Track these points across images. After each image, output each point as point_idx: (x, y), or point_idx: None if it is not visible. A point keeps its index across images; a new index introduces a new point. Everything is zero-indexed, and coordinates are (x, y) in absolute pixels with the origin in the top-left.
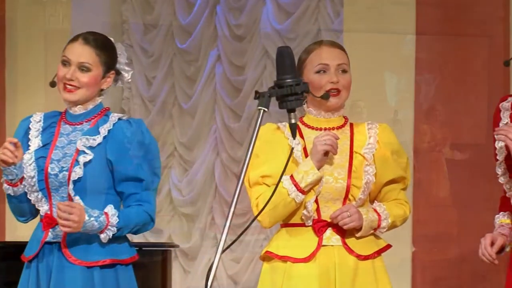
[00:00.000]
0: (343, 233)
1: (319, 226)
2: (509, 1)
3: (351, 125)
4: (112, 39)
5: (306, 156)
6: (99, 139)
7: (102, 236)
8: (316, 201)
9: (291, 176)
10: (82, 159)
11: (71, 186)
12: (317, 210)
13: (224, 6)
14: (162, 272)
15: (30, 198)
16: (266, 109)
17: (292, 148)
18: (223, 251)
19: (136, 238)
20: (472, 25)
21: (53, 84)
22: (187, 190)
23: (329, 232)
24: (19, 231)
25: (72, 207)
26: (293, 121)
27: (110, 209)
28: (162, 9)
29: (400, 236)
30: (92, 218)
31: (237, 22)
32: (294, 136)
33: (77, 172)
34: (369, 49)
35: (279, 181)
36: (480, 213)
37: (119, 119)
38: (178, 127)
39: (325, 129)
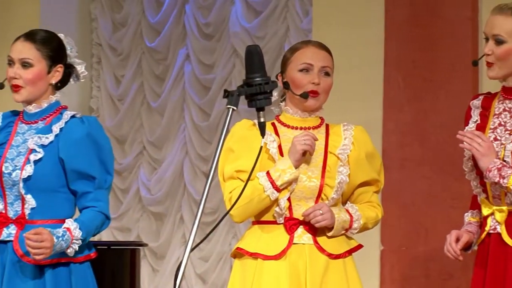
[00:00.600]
0: (315, 231)
1: (291, 224)
2: (477, 1)
3: (327, 126)
4: (62, 35)
5: (281, 153)
6: (51, 137)
7: (68, 251)
8: (289, 199)
9: (268, 173)
10: (32, 157)
11: (21, 184)
12: (289, 208)
13: (193, 4)
14: (131, 271)
15: None
16: (235, 108)
17: (261, 147)
18: (192, 249)
19: (105, 237)
20: (440, 25)
21: (1, 85)
22: (155, 189)
23: (300, 230)
24: None
25: (41, 234)
26: (262, 120)
27: (70, 223)
28: (131, 8)
29: (368, 235)
30: (60, 239)
31: (206, 20)
32: (263, 135)
33: (27, 170)
34: (338, 48)
35: (249, 178)
36: (448, 212)
37: (72, 117)
38: (146, 126)
39: (301, 128)
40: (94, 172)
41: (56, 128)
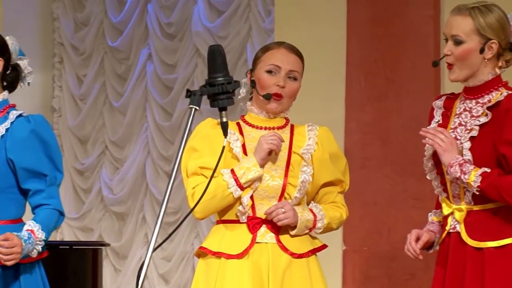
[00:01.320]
0: (278, 231)
1: (254, 223)
2: (439, 0)
3: (292, 126)
4: (7, 37)
5: (245, 152)
6: None
7: (32, 253)
8: (252, 198)
9: (232, 170)
10: None
11: None
12: (252, 207)
13: (155, 4)
14: (93, 271)
15: None
16: (197, 108)
17: (223, 147)
18: (154, 249)
19: (67, 237)
20: (402, 24)
21: None
22: (118, 189)
23: (263, 229)
24: None
25: (11, 239)
26: (224, 119)
27: (33, 225)
28: (93, 7)
29: (330, 234)
30: (27, 242)
31: (168, 20)
32: (225, 134)
33: None
34: (300, 48)
35: (212, 176)
36: (410, 211)
37: (18, 116)
38: (109, 126)
39: (266, 128)
40: (45, 170)
41: (1, 129)
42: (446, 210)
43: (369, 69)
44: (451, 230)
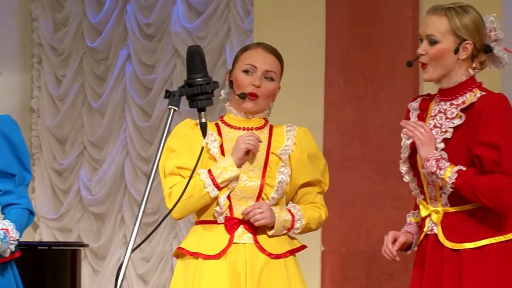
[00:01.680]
0: (255, 231)
1: (231, 224)
2: (418, 1)
3: (271, 126)
4: None
5: (223, 153)
6: None
7: (7, 252)
8: (229, 198)
9: (209, 170)
10: None
11: None
12: (230, 207)
13: (134, 5)
14: (72, 271)
15: None
16: (176, 108)
17: (202, 147)
18: (133, 250)
19: (45, 238)
20: (381, 25)
21: None
22: (96, 189)
23: (241, 229)
24: None
25: None
26: (203, 120)
27: (7, 224)
28: (72, 8)
29: (309, 235)
30: (3, 242)
31: (147, 21)
32: (204, 135)
33: None
34: (279, 48)
35: (191, 176)
36: (389, 212)
37: None
38: (87, 126)
39: (244, 128)
40: (13, 170)
41: None
42: (423, 212)
43: (348, 69)
44: (428, 232)
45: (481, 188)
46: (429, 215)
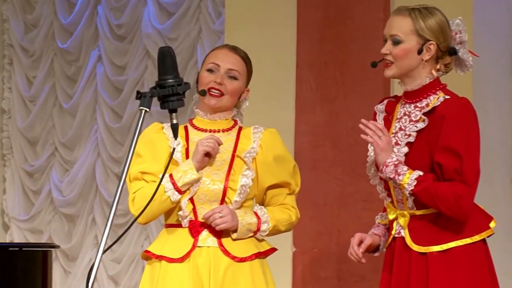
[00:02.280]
0: (220, 234)
1: (195, 227)
2: (389, 2)
3: (240, 128)
4: None
5: (188, 157)
6: None
7: None
8: (193, 202)
9: (170, 175)
10: None
11: None
12: (194, 211)
13: (105, 6)
14: (43, 272)
15: None
16: (147, 109)
17: (173, 149)
18: (104, 251)
19: (16, 239)
20: (352, 26)
21: None
22: (67, 190)
23: (205, 233)
24: None
25: None
26: (174, 121)
27: None
28: (43, 9)
29: (280, 236)
30: None
31: (118, 22)
32: (175, 136)
33: None
34: (250, 49)
35: (160, 181)
36: (360, 213)
37: None
38: (58, 127)
39: (211, 131)
40: None
41: None
42: (390, 215)
43: (319, 71)
44: (396, 235)
45: (440, 195)
46: (396, 218)
